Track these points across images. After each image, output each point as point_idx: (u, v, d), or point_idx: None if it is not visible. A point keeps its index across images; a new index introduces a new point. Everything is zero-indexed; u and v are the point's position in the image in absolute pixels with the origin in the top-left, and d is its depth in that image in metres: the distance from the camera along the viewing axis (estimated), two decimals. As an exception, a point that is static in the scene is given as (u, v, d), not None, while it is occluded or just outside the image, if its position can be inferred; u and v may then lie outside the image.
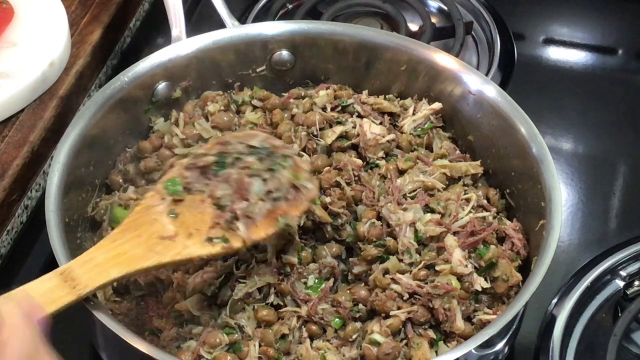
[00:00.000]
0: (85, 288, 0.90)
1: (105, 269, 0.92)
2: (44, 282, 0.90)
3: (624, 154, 1.38)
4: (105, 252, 0.93)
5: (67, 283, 0.90)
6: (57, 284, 0.90)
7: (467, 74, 1.16)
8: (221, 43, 1.20)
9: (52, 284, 0.90)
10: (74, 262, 0.92)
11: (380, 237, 1.05)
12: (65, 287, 0.90)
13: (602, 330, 1.13)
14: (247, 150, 1.03)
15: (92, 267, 0.92)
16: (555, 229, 0.99)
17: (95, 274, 0.91)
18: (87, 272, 0.91)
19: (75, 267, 0.91)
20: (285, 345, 1.00)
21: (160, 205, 0.98)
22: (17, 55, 1.24)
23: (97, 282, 0.91)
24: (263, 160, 1.02)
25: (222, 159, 1.02)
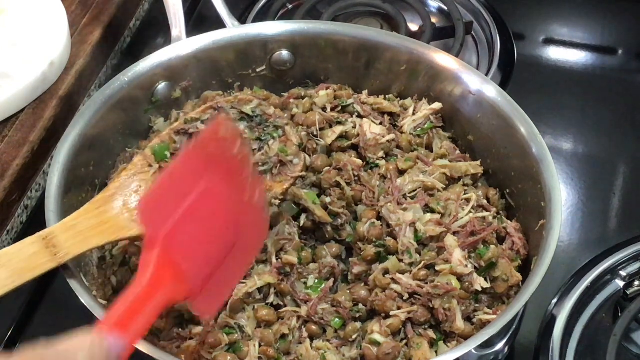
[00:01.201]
0: (66, 256, 0.90)
1: (87, 237, 0.92)
2: (26, 247, 0.89)
3: (624, 154, 1.38)
4: (89, 219, 0.93)
5: (48, 249, 0.90)
6: (38, 250, 0.89)
7: (467, 74, 1.16)
8: (221, 43, 1.20)
9: (34, 250, 0.89)
10: (58, 226, 0.92)
11: (380, 237, 1.05)
12: (47, 254, 0.90)
13: (602, 330, 1.13)
14: (238, 117, 1.03)
15: (74, 233, 0.91)
16: (555, 229, 0.99)
17: (78, 242, 0.91)
18: (70, 239, 0.91)
19: (58, 232, 0.91)
20: (285, 345, 1.00)
21: (146, 172, 0.98)
22: (17, 55, 1.24)
23: (79, 250, 0.91)
24: (253, 129, 1.02)
25: None
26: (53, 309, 1.16)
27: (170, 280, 0.84)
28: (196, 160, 0.89)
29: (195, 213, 0.88)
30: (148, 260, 0.84)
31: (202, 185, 0.88)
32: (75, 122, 1.09)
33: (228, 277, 0.92)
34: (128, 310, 0.79)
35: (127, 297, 0.81)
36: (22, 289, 1.15)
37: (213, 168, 0.90)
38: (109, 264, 1.08)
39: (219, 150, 0.91)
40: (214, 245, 0.90)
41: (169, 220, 0.86)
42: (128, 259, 1.07)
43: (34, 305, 1.16)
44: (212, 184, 0.89)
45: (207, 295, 0.89)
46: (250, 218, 0.93)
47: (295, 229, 1.07)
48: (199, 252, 0.88)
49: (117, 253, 1.08)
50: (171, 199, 0.88)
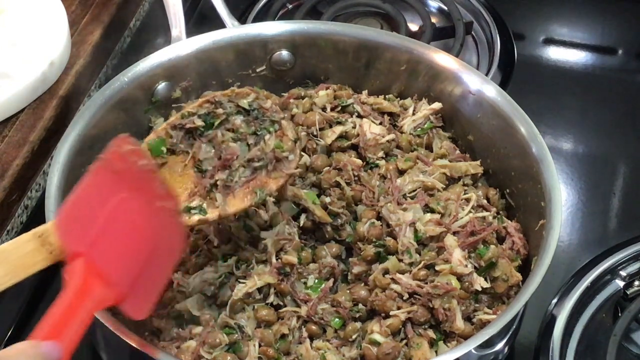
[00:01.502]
0: (62, 253, 0.90)
1: None
2: (21, 244, 0.89)
3: (624, 154, 1.38)
4: None
5: (44, 247, 0.89)
6: (34, 248, 0.89)
7: (467, 73, 1.16)
8: (221, 43, 1.20)
9: (30, 248, 0.89)
10: (53, 224, 0.91)
11: (380, 237, 1.05)
12: (42, 252, 0.89)
13: (602, 330, 1.13)
14: (235, 110, 1.04)
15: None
16: (555, 228, 0.99)
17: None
18: None
19: (53, 230, 0.90)
20: (285, 345, 1.00)
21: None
22: (17, 55, 1.24)
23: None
24: (250, 123, 1.03)
25: (210, 119, 1.03)
26: (53, 309, 1.15)
27: (97, 286, 0.86)
28: (105, 177, 0.92)
29: (113, 222, 0.90)
30: (73, 271, 0.86)
31: (116, 198, 0.92)
32: (75, 122, 1.09)
33: (154, 279, 0.94)
34: (59, 320, 0.81)
35: (57, 307, 0.82)
36: (22, 288, 1.16)
37: (123, 182, 0.93)
38: (109, 264, 1.08)
39: (125, 165, 0.94)
40: (135, 250, 0.92)
41: (88, 231, 0.89)
42: (128, 259, 1.07)
43: (34, 305, 1.16)
44: (125, 196, 0.92)
45: (136, 297, 0.91)
46: (165, 222, 0.96)
47: (295, 229, 1.07)
48: (122, 258, 0.91)
49: (117, 253, 1.08)
50: (87, 213, 0.90)
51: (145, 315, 0.93)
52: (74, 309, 0.83)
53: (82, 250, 0.87)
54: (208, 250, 1.05)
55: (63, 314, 0.82)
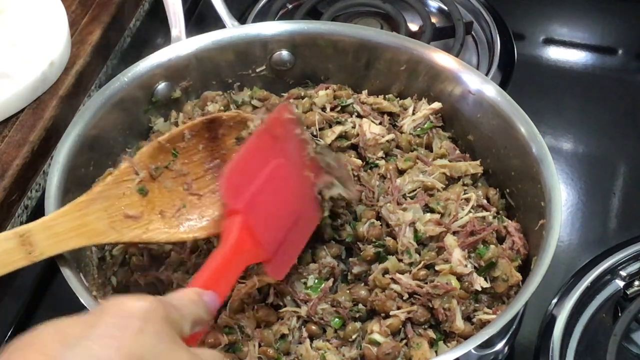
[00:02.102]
0: (40, 255, 0.91)
1: (64, 239, 0.93)
2: (1, 242, 0.90)
3: (624, 154, 1.38)
4: (69, 221, 0.93)
5: (24, 247, 0.90)
6: (14, 247, 0.90)
7: (467, 73, 1.16)
8: (221, 43, 1.20)
9: (9, 246, 0.90)
10: (37, 225, 0.92)
11: (380, 237, 1.05)
12: (21, 251, 0.90)
13: (602, 330, 1.13)
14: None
15: (52, 234, 0.92)
16: (555, 228, 0.99)
17: (54, 242, 0.92)
18: (46, 239, 0.91)
19: (35, 231, 0.91)
20: (285, 345, 1.00)
21: (132, 180, 0.99)
22: (17, 55, 1.24)
23: (54, 251, 0.92)
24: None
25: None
26: (53, 309, 1.15)
27: (249, 244, 0.91)
28: (266, 140, 0.98)
29: (268, 186, 0.95)
30: (230, 226, 0.91)
31: (273, 162, 0.97)
32: (75, 122, 1.09)
33: (294, 245, 1.00)
34: (216, 272, 0.86)
35: (215, 260, 0.87)
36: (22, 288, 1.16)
37: (279, 147, 0.99)
38: (109, 264, 1.08)
39: (283, 132, 1.00)
40: (284, 215, 0.98)
41: (247, 191, 0.93)
42: (128, 259, 1.07)
43: (34, 305, 1.16)
44: (280, 161, 0.98)
45: (278, 260, 0.96)
46: (308, 193, 1.02)
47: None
48: (272, 221, 0.96)
49: (117, 253, 1.08)
50: (248, 172, 0.95)
51: (282, 277, 0.99)
52: (228, 262, 0.88)
53: (240, 208, 0.91)
54: (208, 251, 1.05)
55: (219, 266, 0.87)
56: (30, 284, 1.17)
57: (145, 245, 1.04)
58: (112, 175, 0.98)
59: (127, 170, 0.99)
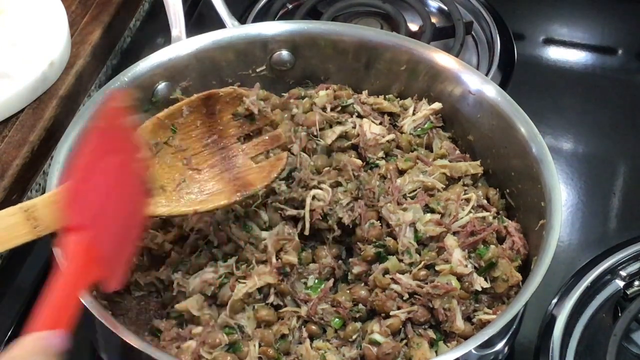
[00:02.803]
0: (45, 230, 0.91)
1: None
2: (7, 216, 0.90)
3: (624, 154, 1.38)
4: None
5: (29, 222, 0.91)
6: (19, 221, 0.90)
7: (467, 73, 1.16)
8: (221, 43, 1.20)
9: (15, 221, 0.90)
10: (40, 200, 0.92)
11: (380, 237, 1.05)
12: (27, 226, 0.90)
13: (602, 330, 1.13)
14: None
15: (56, 209, 0.92)
16: (555, 228, 0.99)
17: (58, 217, 0.92)
18: (51, 214, 0.92)
19: (40, 206, 0.92)
20: (285, 345, 1.00)
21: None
22: (17, 55, 1.24)
23: (58, 225, 0.92)
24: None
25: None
26: (53, 309, 1.15)
27: (93, 264, 0.86)
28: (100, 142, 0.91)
29: (109, 192, 0.90)
30: (74, 245, 0.85)
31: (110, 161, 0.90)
32: (75, 122, 1.09)
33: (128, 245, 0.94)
34: (59, 305, 0.81)
35: (57, 292, 0.81)
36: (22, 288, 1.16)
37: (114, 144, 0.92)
38: (109, 264, 1.08)
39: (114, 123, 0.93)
40: (121, 220, 0.92)
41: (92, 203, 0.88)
42: (128, 259, 1.07)
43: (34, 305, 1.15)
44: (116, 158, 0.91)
45: (115, 268, 0.90)
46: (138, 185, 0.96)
47: (294, 229, 1.07)
48: (113, 229, 0.90)
49: (117, 253, 1.08)
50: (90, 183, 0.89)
51: (119, 286, 0.92)
52: (73, 289, 0.83)
53: (87, 224, 0.86)
54: (208, 251, 1.05)
55: (63, 296, 0.81)
56: (30, 284, 1.17)
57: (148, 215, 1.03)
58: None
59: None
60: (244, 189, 1.04)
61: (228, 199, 1.03)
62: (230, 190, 1.04)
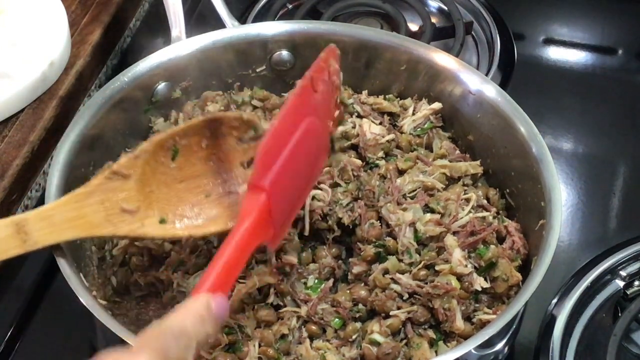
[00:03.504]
0: (34, 245, 0.92)
1: (60, 230, 0.93)
2: None
3: (624, 154, 1.38)
4: (66, 212, 0.94)
5: (19, 235, 0.91)
6: (9, 235, 0.90)
7: (467, 73, 1.16)
8: (221, 43, 1.20)
9: (5, 234, 0.90)
10: (34, 214, 0.92)
11: (380, 237, 1.05)
12: (17, 240, 0.90)
13: (602, 330, 1.13)
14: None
15: (48, 224, 0.92)
16: (555, 228, 0.99)
17: (49, 233, 0.92)
18: (42, 229, 0.92)
19: (32, 220, 0.92)
20: (285, 345, 1.00)
21: (131, 175, 0.99)
22: (17, 55, 1.24)
23: (49, 241, 0.93)
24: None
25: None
26: (53, 309, 1.16)
27: (265, 225, 0.86)
28: (305, 97, 0.91)
29: (295, 153, 0.89)
30: (252, 205, 0.85)
31: (304, 122, 0.89)
32: (75, 122, 1.09)
33: (298, 205, 0.94)
34: (229, 264, 0.80)
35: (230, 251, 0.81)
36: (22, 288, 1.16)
37: (315, 101, 0.91)
38: (108, 264, 1.08)
39: (324, 85, 0.92)
40: (301, 185, 0.92)
41: (275, 164, 0.87)
42: (128, 259, 1.07)
43: (34, 305, 1.16)
44: (312, 120, 0.90)
45: (280, 230, 0.91)
46: (325, 144, 0.95)
47: (294, 229, 1.07)
48: (290, 194, 0.90)
49: (117, 253, 1.08)
50: (280, 141, 0.88)
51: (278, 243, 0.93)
52: (243, 248, 0.82)
53: (266, 186, 0.86)
54: (208, 251, 1.05)
55: (234, 255, 0.81)
56: (30, 284, 1.17)
57: (140, 240, 1.04)
58: (110, 170, 0.97)
59: (126, 164, 0.98)
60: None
61: (225, 225, 1.00)
62: (228, 216, 1.02)
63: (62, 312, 1.14)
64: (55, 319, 1.15)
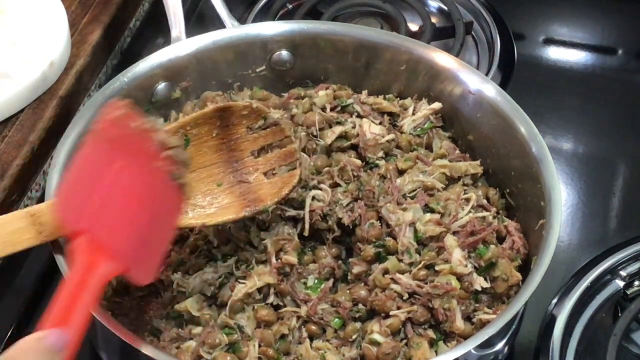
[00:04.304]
0: (50, 235, 0.92)
1: None
2: (13, 220, 0.91)
3: (624, 154, 1.38)
4: None
5: (34, 227, 0.91)
6: (24, 226, 0.91)
7: (467, 73, 1.16)
8: (221, 43, 1.20)
9: (20, 225, 0.91)
10: (47, 206, 0.93)
11: (380, 237, 1.05)
12: (32, 231, 0.91)
13: (602, 330, 1.13)
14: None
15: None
16: (555, 228, 0.99)
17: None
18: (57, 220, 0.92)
19: (47, 211, 0.92)
20: (285, 345, 1.00)
21: None
22: (17, 55, 1.24)
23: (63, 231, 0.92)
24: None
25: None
26: (53, 309, 1.15)
27: (102, 261, 0.85)
28: (100, 147, 0.91)
29: (112, 193, 0.89)
30: (77, 249, 0.85)
31: (113, 167, 0.90)
32: (75, 122, 1.09)
33: (157, 241, 0.94)
34: (66, 304, 0.80)
35: (64, 291, 0.81)
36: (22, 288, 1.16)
37: (118, 148, 0.92)
38: (108, 264, 1.08)
39: (119, 131, 0.93)
40: (136, 216, 0.91)
41: (88, 207, 0.88)
42: (128, 259, 1.07)
43: (34, 305, 1.16)
44: (122, 163, 0.91)
45: (140, 263, 0.91)
46: (161, 184, 0.95)
47: (294, 229, 1.07)
48: (124, 227, 0.90)
49: (117, 253, 1.08)
50: (85, 188, 0.89)
51: (151, 279, 0.93)
52: (80, 289, 0.82)
53: (84, 227, 0.86)
54: (208, 251, 1.05)
55: (69, 296, 0.81)
56: (30, 284, 1.17)
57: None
58: None
59: None
60: (254, 204, 1.03)
61: (236, 214, 1.02)
62: (240, 205, 1.03)
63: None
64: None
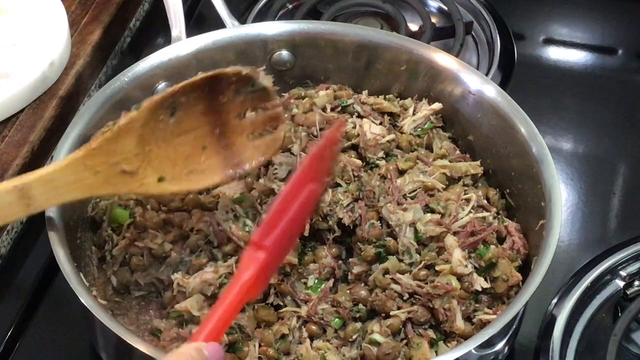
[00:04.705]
0: (37, 208, 0.93)
1: (62, 193, 0.94)
2: (1, 195, 0.91)
3: (624, 154, 1.38)
4: (67, 175, 0.94)
5: (22, 201, 0.91)
6: (13, 200, 0.91)
7: (467, 73, 1.16)
8: (221, 43, 1.20)
9: (9, 199, 0.91)
10: (35, 179, 0.93)
11: (380, 237, 1.05)
12: (20, 205, 0.92)
13: (602, 330, 1.13)
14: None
15: (50, 188, 0.93)
16: (555, 228, 0.99)
17: (52, 196, 0.94)
18: (45, 193, 0.93)
19: (35, 184, 0.92)
20: (285, 345, 1.00)
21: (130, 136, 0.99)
22: (17, 55, 1.25)
23: (51, 204, 0.96)
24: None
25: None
26: (53, 309, 1.16)
27: (260, 282, 0.89)
28: (312, 165, 0.95)
29: (293, 219, 0.92)
30: (250, 262, 0.88)
31: (306, 192, 0.93)
32: (75, 122, 1.09)
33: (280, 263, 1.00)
34: (222, 320, 0.84)
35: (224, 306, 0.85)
36: (22, 289, 1.16)
37: (319, 169, 0.96)
38: (109, 264, 1.08)
39: (329, 153, 0.98)
40: (290, 244, 0.96)
41: (277, 227, 0.90)
42: (128, 259, 1.07)
43: (34, 305, 1.16)
44: (313, 186, 0.94)
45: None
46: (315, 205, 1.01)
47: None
48: (282, 254, 0.94)
49: (117, 253, 1.08)
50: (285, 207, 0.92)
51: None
52: (237, 307, 0.86)
53: (269, 246, 0.89)
54: (208, 250, 1.05)
55: (228, 312, 0.84)
56: (30, 284, 1.17)
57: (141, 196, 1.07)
58: (110, 131, 0.97)
59: (126, 126, 0.98)
60: (238, 167, 1.04)
61: (220, 177, 1.03)
62: (224, 168, 1.04)
63: (62, 312, 1.14)
64: (55, 319, 1.15)
